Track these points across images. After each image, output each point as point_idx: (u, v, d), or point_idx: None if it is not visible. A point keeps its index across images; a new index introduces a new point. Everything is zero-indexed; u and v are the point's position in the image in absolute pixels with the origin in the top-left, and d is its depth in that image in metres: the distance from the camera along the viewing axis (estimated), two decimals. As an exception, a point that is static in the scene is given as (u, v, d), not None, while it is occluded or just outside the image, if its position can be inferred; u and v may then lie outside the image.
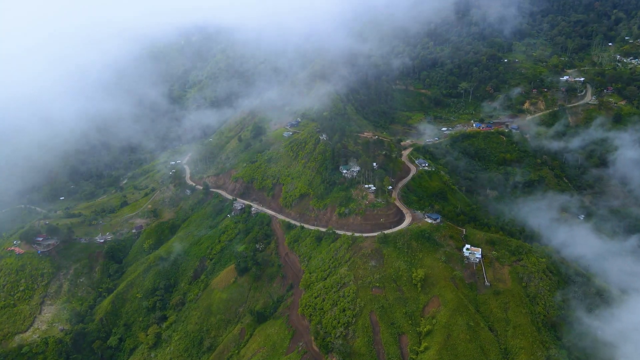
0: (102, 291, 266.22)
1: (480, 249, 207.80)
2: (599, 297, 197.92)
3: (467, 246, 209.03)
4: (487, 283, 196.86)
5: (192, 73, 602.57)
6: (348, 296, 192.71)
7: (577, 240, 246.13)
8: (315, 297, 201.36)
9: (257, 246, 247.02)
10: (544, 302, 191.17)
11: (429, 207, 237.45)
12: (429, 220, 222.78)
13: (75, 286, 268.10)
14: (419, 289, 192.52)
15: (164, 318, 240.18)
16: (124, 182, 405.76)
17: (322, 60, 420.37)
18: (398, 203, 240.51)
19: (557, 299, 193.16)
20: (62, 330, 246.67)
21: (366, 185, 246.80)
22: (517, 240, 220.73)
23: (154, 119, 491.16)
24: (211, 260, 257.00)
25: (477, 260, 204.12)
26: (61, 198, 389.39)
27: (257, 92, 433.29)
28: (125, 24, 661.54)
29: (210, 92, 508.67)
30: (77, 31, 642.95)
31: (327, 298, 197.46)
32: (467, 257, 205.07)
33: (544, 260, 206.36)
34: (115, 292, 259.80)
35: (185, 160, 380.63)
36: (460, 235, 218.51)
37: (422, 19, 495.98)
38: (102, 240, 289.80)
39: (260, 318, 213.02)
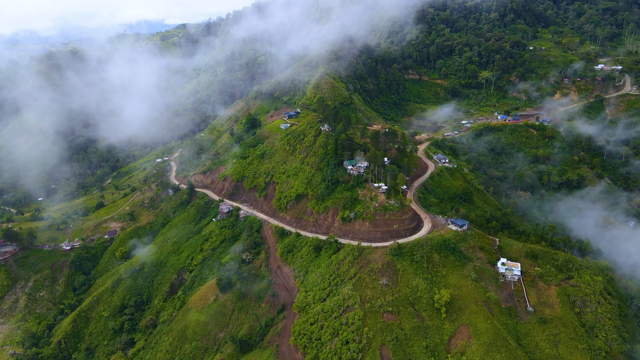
0: (64, 308, 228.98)
1: (519, 264, 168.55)
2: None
3: (503, 260, 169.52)
4: (529, 308, 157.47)
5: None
6: (353, 324, 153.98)
7: (632, 250, 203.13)
8: (312, 324, 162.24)
9: (244, 257, 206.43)
10: (604, 334, 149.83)
11: (453, 212, 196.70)
12: (454, 228, 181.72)
13: (33, 301, 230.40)
14: (443, 315, 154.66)
15: (132, 343, 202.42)
16: (108, 181, 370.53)
17: (327, 46, 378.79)
18: (414, 206, 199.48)
19: (621, 329, 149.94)
20: (12, 355, 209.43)
21: (376, 184, 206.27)
22: (563, 252, 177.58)
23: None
24: (191, 272, 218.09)
25: (516, 278, 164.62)
26: (39, 199, 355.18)
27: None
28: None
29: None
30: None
31: (327, 325, 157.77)
32: (503, 275, 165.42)
33: (599, 278, 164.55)
34: (78, 309, 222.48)
35: (174, 156, 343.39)
36: (492, 247, 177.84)
37: (438, 4, 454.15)
38: (68, 248, 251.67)
39: (244, 347, 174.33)
